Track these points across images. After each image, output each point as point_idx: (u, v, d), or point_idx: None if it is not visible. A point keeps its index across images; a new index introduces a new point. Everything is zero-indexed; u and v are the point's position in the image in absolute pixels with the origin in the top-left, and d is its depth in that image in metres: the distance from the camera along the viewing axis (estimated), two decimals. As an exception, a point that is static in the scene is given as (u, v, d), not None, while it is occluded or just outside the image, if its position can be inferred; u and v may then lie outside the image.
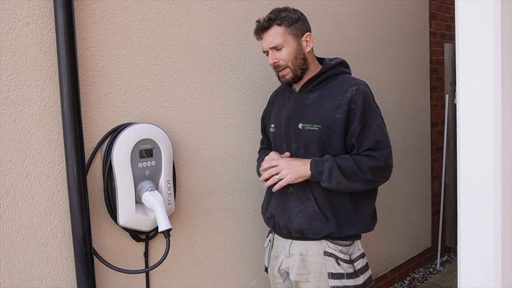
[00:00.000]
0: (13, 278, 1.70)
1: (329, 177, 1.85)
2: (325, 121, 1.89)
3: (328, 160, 1.86)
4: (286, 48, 1.91)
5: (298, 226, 1.95)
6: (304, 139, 1.94)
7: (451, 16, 4.22)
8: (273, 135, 2.08)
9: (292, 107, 2.01)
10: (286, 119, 2.00)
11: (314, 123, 1.91)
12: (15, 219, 1.70)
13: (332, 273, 1.93)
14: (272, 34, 1.91)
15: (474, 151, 1.32)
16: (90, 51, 1.87)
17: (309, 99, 1.97)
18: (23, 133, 1.71)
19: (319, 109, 1.92)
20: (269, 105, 2.21)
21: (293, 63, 1.93)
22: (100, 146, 1.90)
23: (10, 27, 1.67)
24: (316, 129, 1.91)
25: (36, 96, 1.73)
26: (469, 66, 1.31)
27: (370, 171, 1.86)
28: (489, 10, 1.26)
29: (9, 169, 1.68)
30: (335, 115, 1.88)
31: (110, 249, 1.96)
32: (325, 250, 1.95)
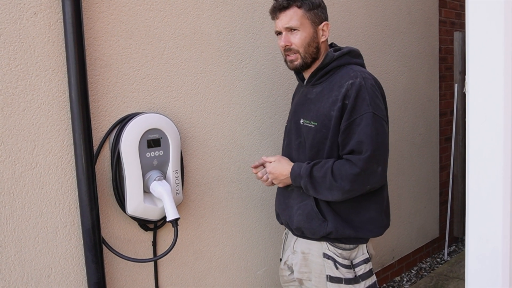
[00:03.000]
0: (24, 266, 1.72)
1: (305, 191, 1.85)
2: (321, 118, 1.80)
3: (303, 177, 1.81)
4: (302, 33, 1.81)
5: (296, 224, 1.91)
6: (303, 136, 1.89)
7: (461, 4, 4.17)
8: (285, 130, 2.09)
9: (298, 102, 1.97)
10: (292, 114, 1.99)
11: (311, 120, 1.84)
12: (25, 208, 1.72)
13: (331, 276, 1.86)
14: (290, 15, 1.80)
15: (483, 141, 1.31)
16: (97, 41, 1.87)
17: (312, 93, 1.89)
18: (32, 123, 1.72)
19: (318, 105, 1.84)
20: (292, 97, 2.21)
21: (305, 49, 1.83)
22: (108, 136, 1.91)
23: (18, 17, 1.67)
24: (312, 126, 1.83)
25: (44, 86, 1.74)
26: (479, 55, 1.30)
27: (348, 180, 1.71)
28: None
29: (18, 158, 1.69)
30: (331, 112, 1.76)
31: (118, 238, 1.97)
32: (324, 252, 1.88)
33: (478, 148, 1.31)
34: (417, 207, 3.78)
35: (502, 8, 1.24)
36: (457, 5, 4.15)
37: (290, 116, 2.01)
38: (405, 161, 3.56)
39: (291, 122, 1.97)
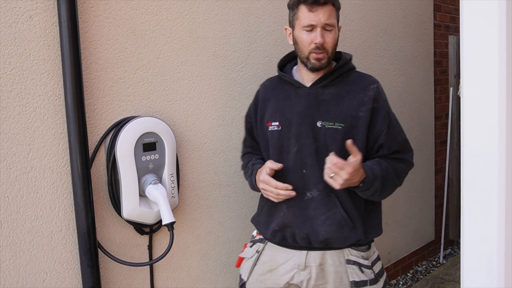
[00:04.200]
0: (19, 271, 1.71)
1: (372, 194, 1.75)
2: (348, 120, 1.75)
3: (378, 179, 1.71)
4: (334, 33, 1.76)
5: (324, 235, 1.74)
6: (324, 139, 1.75)
7: (455, 8, 4.19)
8: (276, 135, 1.83)
9: (306, 103, 1.80)
10: (299, 116, 1.79)
11: (336, 121, 1.75)
12: (20, 212, 1.71)
13: (356, 282, 1.77)
14: (329, 12, 1.73)
15: (477, 144, 1.31)
16: (93, 45, 1.87)
17: (326, 95, 1.79)
18: (27, 127, 1.71)
19: (339, 106, 1.77)
20: (260, 101, 1.93)
21: (332, 50, 1.78)
22: (104, 140, 1.90)
23: (14, 20, 1.67)
24: (339, 127, 1.75)
25: (40, 90, 1.73)
26: (474, 58, 1.31)
27: (403, 177, 1.85)
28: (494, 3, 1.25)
29: (13, 162, 1.69)
30: (359, 113, 1.76)
31: (114, 242, 1.97)
32: (348, 259, 1.79)
33: (473, 150, 1.32)
34: (413, 210, 3.79)
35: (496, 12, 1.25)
36: (451, 9, 4.17)
37: (296, 118, 1.79)
38: (400, 164, 3.57)
39: (301, 125, 1.78)
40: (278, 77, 1.94)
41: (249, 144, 2.03)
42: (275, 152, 1.84)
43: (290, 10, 1.82)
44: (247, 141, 2.05)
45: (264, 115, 1.89)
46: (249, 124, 2.01)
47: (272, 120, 1.85)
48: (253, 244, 1.95)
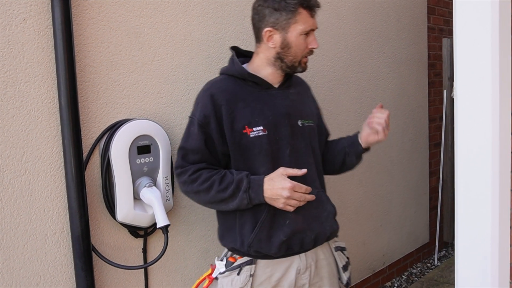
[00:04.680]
0: (12, 274, 1.70)
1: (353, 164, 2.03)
2: (313, 117, 1.86)
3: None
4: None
5: (330, 230, 1.78)
6: (309, 137, 1.78)
7: (449, 11, 4.22)
8: (265, 140, 1.67)
9: (287, 104, 1.75)
10: (287, 117, 1.72)
11: (309, 119, 1.81)
12: (14, 215, 1.70)
13: (344, 266, 1.84)
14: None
15: (471, 146, 1.32)
16: (87, 47, 1.86)
17: (292, 94, 1.80)
18: (21, 130, 1.71)
19: (305, 105, 1.84)
20: (225, 106, 1.66)
21: None
22: (98, 143, 1.90)
23: (7, 23, 1.66)
24: (312, 125, 1.82)
25: (34, 93, 1.73)
26: (467, 61, 1.31)
27: None
28: (487, 6, 1.26)
29: (7, 165, 1.68)
30: (315, 109, 1.92)
31: (108, 245, 1.96)
32: (336, 246, 1.85)
33: (467, 152, 1.33)
34: (407, 212, 3.80)
35: (489, 15, 1.26)
36: (445, 12, 4.20)
37: (283, 119, 1.71)
38: (395, 166, 3.58)
39: (290, 126, 1.72)
40: (230, 78, 1.74)
41: (204, 158, 1.68)
42: (266, 158, 1.67)
43: (282, 12, 1.66)
44: (196, 155, 1.68)
45: (235, 122, 1.66)
46: (205, 135, 1.67)
47: (251, 125, 1.66)
48: (239, 270, 1.70)
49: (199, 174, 1.65)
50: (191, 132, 1.69)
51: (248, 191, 1.61)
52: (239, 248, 1.70)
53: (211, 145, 1.67)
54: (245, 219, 1.68)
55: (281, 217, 1.68)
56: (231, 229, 1.73)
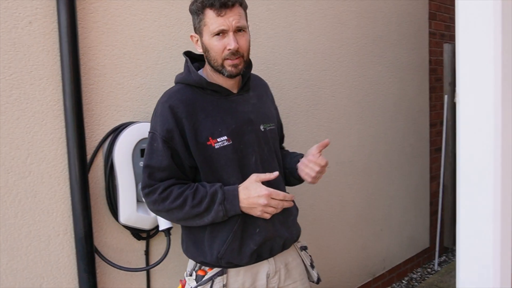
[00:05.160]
0: (15, 276, 1.71)
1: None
2: (273, 119, 1.82)
3: None
4: (247, 35, 1.63)
5: (297, 234, 1.82)
6: (271, 141, 1.75)
7: (450, 16, 4.23)
8: (231, 149, 1.63)
9: (247, 109, 1.69)
10: (249, 123, 1.67)
11: (270, 122, 1.77)
12: (18, 216, 1.71)
13: (310, 263, 1.86)
14: (238, 14, 1.59)
15: (473, 151, 1.33)
16: (92, 50, 1.88)
17: (252, 98, 1.75)
18: (25, 131, 1.72)
19: (265, 107, 1.80)
20: (186, 118, 1.60)
21: (247, 53, 1.66)
22: (101, 145, 1.91)
23: (13, 26, 1.68)
24: (273, 127, 1.78)
25: (38, 95, 1.74)
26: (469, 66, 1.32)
27: None
28: (489, 11, 1.27)
29: (11, 167, 1.69)
30: (273, 110, 1.89)
31: (111, 247, 1.97)
32: (301, 246, 1.86)
33: (469, 157, 1.33)
34: (407, 217, 3.80)
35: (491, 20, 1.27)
36: (446, 17, 4.22)
37: (247, 126, 1.67)
38: (395, 171, 3.59)
39: (253, 133, 1.68)
40: (188, 88, 1.66)
41: (172, 174, 1.61)
42: (234, 168, 1.63)
43: (194, 15, 1.63)
44: (164, 172, 1.60)
45: (198, 134, 1.61)
46: (170, 150, 1.60)
47: (215, 136, 1.61)
48: (212, 282, 1.65)
49: (170, 191, 1.59)
50: (154, 149, 1.60)
51: (223, 203, 1.57)
52: (209, 261, 1.65)
53: (177, 159, 1.61)
54: (216, 232, 1.64)
55: (251, 226, 1.64)
56: (200, 242, 1.67)
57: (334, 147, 3.00)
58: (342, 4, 3.01)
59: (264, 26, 2.53)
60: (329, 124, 2.97)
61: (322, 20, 2.88)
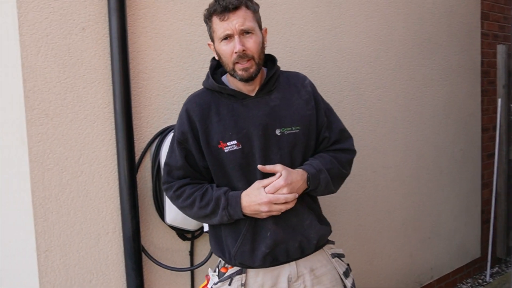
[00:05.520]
0: (68, 271, 1.79)
1: (324, 189, 1.71)
2: (302, 121, 1.70)
3: (322, 172, 1.67)
4: (256, 37, 1.62)
5: (316, 237, 1.72)
6: (287, 146, 1.67)
7: (504, 16, 4.09)
8: (240, 153, 1.64)
9: (263, 113, 1.67)
10: (261, 128, 1.65)
11: (292, 125, 1.68)
12: (70, 214, 1.79)
13: (344, 272, 1.78)
14: (243, 16, 1.58)
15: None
16: (141, 55, 1.94)
17: (274, 100, 1.70)
18: (78, 133, 1.79)
19: (290, 109, 1.71)
20: (199, 121, 1.66)
21: (259, 56, 1.63)
22: (149, 147, 1.97)
23: (68, 32, 1.76)
24: (296, 131, 1.69)
25: (90, 98, 1.82)
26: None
27: (349, 165, 1.81)
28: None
29: (65, 167, 1.77)
30: (307, 112, 1.72)
31: (157, 247, 2.02)
32: (332, 253, 1.79)
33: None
34: (457, 225, 3.69)
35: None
36: (500, 17, 4.07)
37: (258, 131, 1.65)
38: (444, 177, 3.49)
39: (265, 137, 1.65)
40: (208, 91, 1.71)
41: (186, 174, 1.69)
42: (239, 173, 1.65)
43: (206, 24, 1.68)
44: (180, 171, 1.69)
45: (210, 137, 1.65)
46: (184, 151, 1.68)
47: (225, 140, 1.64)
48: (230, 280, 1.69)
49: (183, 190, 1.68)
50: (173, 148, 1.70)
51: (226, 208, 1.61)
52: (226, 258, 1.71)
53: (191, 160, 1.68)
54: (228, 232, 1.69)
55: (263, 230, 1.66)
56: (219, 238, 1.73)
57: (379, 152, 2.96)
58: (389, 6, 2.97)
59: (309, 29, 2.53)
60: (375, 128, 2.93)
61: (368, 22, 2.85)
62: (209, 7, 1.62)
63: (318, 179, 1.66)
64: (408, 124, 3.15)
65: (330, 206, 2.67)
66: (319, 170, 1.67)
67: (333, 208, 2.70)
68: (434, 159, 3.37)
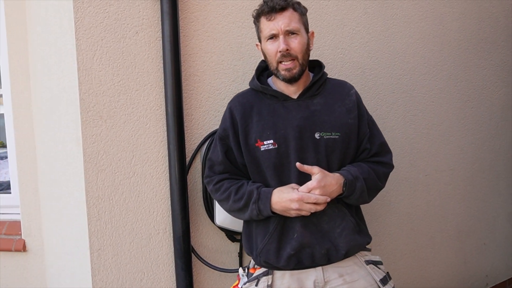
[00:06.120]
0: (119, 269, 1.83)
1: (359, 197, 1.68)
2: (343, 128, 1.70)
3: (359, 180, 1.67)
4: (300, 38, 1.65)
5: (347, 247, 1.68)
6: (325, 150, 1.68)
7: None
8: (275, 153, 1.67)
9: (302, 116, 1.69)
10: (298, 129, 1.67)
11: (332, 131, 1.69)
12: (122, 214, 1.83)
13: (381, 279, 1.73)
14: (289, 17, 1.63)
15: None
16: (192, 57, 1.96)
17: (315, 104, 1.71)
18: (131, 135, 1.83)
19: (332, 115, 1.71)
20: (240, 119, 1.71)
21: (303, 56, 1.67)
22: (200, 148, 1.98)
23: (122, 36, 1.80)
24: (336, 137, 1.69)
25: (143, 100, 1.85)
26: None
27: (384, 179, 1.80)
28: None
29: (118, 167, 1.81)
30: (349, 120, 1.72)
31: (206, 247, 2.04)
32: (367, 260, 1.75)
33: None
34: (515, 232, 3.53)
35: None
36: None
37: (294, 132, 1.67)
38: (501, 182, 3.34)
39: (301, 139, 1.67)
40: (253, 91, 1.77)
41: (226, 169, 1.75)
42: (273, 172, 1.68)
43: (255, 25, 1.74)
44: (220, 166, 1.75)
45: (249, 135, 1.70)
46: (225, 147, 1.75)
47: (262, 139, 1.68)
48: (257, 281, 1.71)
49: (221, 184, 1.73)
50: (216, 144, 1.78)
51: (257, 202, 1.64)
52: (253, 256, 1.73)
53: (231, 156, 1.74)
54: (259, 230, 1.72)
55: (290, 231, 1.68)
56: (250, 236, 1.77)
57: (433, 155, 2.87)
58: (444, 5, 2.87)
59: (361, 30, 2.48)
60: (428, 130, 2.84)
61: (422, 23, 2.76)
62: (258, 8, 1.68)
63: (354, 186, 1.65)
64: (463, 127, 3.03)
65: (380, 209, 2.62)
66: (356, 177, 1.66)
67: (384, 211, 2.65)
68: (490, 162, 3.23)
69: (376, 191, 1.80)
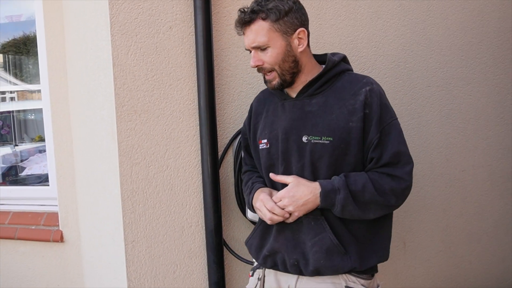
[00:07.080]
0: (153, 261, 1.86)
1: (342, 211, 1.50)
2: (337, 132, 1.52)
3: (341, 191, 1.49)
4: (272, 49, 1.52)
5: (314, 265, 1.53)
6: (310, 156, 1.54)
7: None
8: (266, 153, 1.64)
9: (291, 117, 1.59)
10: (284, 131, 1.59)
11: (323, 135, 1.53)
12: (156, 207, 1.86)
13: None
14: (255, 31, 1.51)
15: None
16: (224, 52, 1.97)
17: (312, 105, 1.58)
18: (164, 129, 1.86)
19: (327, 117, 1.55)
20: (253, 115, 1.73)
21: (280, 66, 1.54)
22: (232, 143, 1.99)
23: (156, 31, 1.82)
24: (326, 142, 1.53)
25: (176, 95, 1.87)
26: None
27: (393, 195, 1.52)
28: None
29: (152, 161, 1.84)
30: (349, 123, 1.52)
31: (238, 241, 2.05)
32: (347, 286, 1.56)
33: None
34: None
35: None
36: None
37: (281, 134, 1.60)
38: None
39: (287, 142, 1.58)
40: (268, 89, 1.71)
41: (248, 162, 1.81)
42: (265, 172, 1.65)
43: None
44: (246, 159, 1.82)
45: (256, 132, 1.70)
46: (245, 141, 1.79)
47: (261, 137, 1.66)
48: (253, 272, 1.72)
49: (244, 176, 1.83)
50: None
51: (249, 195, 1.69)
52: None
53: (249, 150, 1.78)
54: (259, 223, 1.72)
55: (268, 233, 1.65)
56: None
57: (470, 150, 2.80)
58: (483, -5, 2.79)
59: (396, 23, 2.43)
60: (465, 125, 2.77)
61: (460, 14, 2.69)
62: None
63: (333, 198, 1.49)
64: (502, 121, 2.94)
65: (415, 204, 2.57)
66: (337, 189, 1.49)
67: (419, 207, 2.60)
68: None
69: (378, 207, 1.54)
